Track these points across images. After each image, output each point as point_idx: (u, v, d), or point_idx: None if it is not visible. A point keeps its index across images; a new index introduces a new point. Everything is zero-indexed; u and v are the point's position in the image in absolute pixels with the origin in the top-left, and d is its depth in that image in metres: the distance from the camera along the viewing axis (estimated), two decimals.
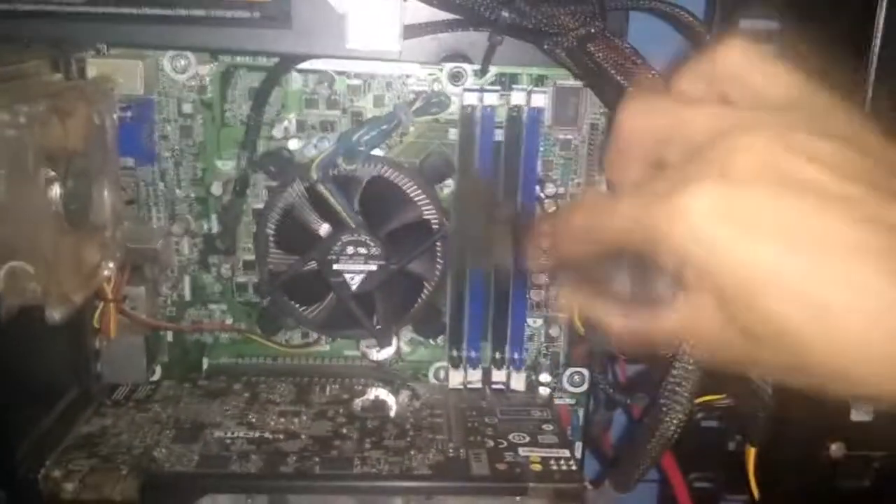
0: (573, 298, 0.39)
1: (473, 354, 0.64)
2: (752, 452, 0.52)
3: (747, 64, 0.33)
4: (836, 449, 0.50)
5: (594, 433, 0.65)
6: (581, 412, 0.66)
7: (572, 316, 0.60)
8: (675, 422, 0.42)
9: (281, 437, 0.55)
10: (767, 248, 0.27)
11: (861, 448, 0.51)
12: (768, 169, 0.28)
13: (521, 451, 0.54)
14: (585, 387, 0.65)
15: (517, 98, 0.58)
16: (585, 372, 0.64)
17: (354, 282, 0.58)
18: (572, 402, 0.65)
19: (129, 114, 0.56)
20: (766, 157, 0.28)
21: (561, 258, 0.37)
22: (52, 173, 0.44)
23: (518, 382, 0.64)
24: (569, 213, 0.36)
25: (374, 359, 0.64)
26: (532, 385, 0.64)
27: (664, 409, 0.42)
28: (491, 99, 0.58)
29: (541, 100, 0.58)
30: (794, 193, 0.28)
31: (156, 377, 0.63)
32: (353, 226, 0.56)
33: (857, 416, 0.50)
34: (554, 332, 0.64)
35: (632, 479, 0.46)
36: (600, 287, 0.36)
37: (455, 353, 0.64)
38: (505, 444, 0.55)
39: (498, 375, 0.64)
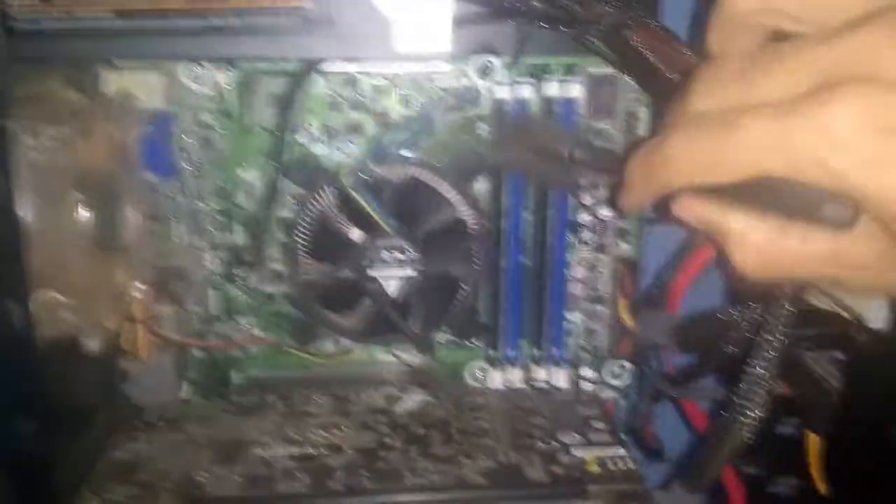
0: (699, 207, 0.31)
1: (511, 353, 0.62)
2: (813, 440, 0.51)
3: None
4: None
5: (636, 426, 0.63)
6: (623, 405, 0.64)
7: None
8: (752, 422, 0.40)
9: (324, 451, 0.53)
10: None
11: None
12: None
13: (575, 452, 0.52)
14: (627, 379, 0.63)
15: (550, 89, 0.56)
16: (627, 364, 0.63)
17: (391, 288, 0.56)
18: (614, 395, 0.64)
19: (148, 128, 0.53)
20: None
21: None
22: (80, 196, 0.42)
23: (560, 379, 0.62)
24: (673, 136, 0.29)
25: (410, 363, 0.62)
26: (574, 381, 0.63)
27: (740, 409, 0.40)
28: (522, 92, 0.56)
29: (575, 90, 0.56)
30: None
31: (185, 394, 0.61)
32: (388, 230, 0.54)
33: None
34: (594, 325, 0.63)
35: (705, 481, 0.45)
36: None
37: (492, 352, 0.62)
38: (556, 445, 0.53)
39: (539, 373, 0.62)
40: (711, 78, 0.29)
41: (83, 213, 0.42)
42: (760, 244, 0.29)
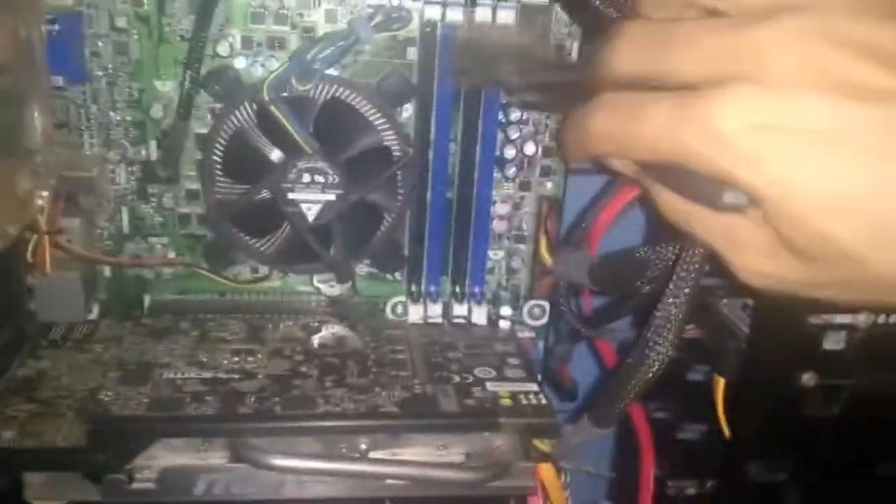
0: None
1: (433, 289, 0.61)
2: (720, 384, 0.51)
3: None
4: (807, 378, 0.50)
5: (553, 366, 0.64)
6: (541, 345, 0.64)
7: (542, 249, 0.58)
8: (661, 357, 0.40)
9: (236, 377, 0.51)
10: (816, 163, 0.25)
11: (832, 377, 0.50)
12: (811, 68, 0.25)
13: (489, 386, 0.52)
14: (545, 319, 0.63)
15: (481, 14, 0.54)
16: (546, 304, 0.63)
17: (311, 212, 0.54)
18: (532, 335, 0.64)
19: (55, 27, 0.50)
20: (807, 53, 0.25)
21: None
22: None
23: (479, 316, 0.62)
24: (591, 113, 0.32)
25: (329, 294, 0.61)
26: (493, 319, 0.62)
27: (651, 343, 0.40)
28: (453, 15, 0.54)
29: (508, 17, 0.54)
30: (842, 99, 0.24)
31: (93, 315, 0.58)
32: (310, 151, 0.53)
33: (829, 344, 0.50)
34: (515, 264, 0.62)
35: (613, 415, 0.45)
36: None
37: (414, 287, 0.61)
38: (471, 378, 0.53)
39: (459, 309, 0.62)
40: (630, 38, 0.31)
41: None
42: (671, 201, 0.32)
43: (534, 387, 0.53)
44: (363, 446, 0.48)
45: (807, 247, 0.27)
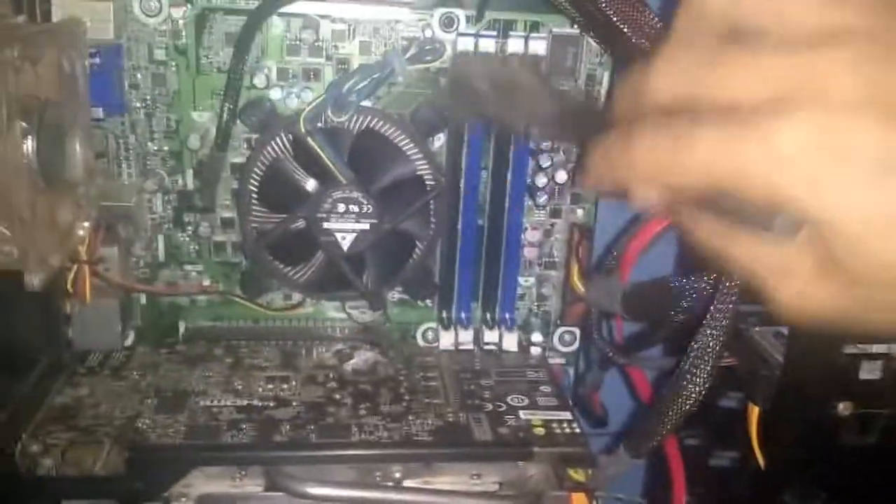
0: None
1: (464, 315, 0.62)
2: (754, 412, 0.51)
3: None
4: (843, 408, 0.49)
5: (583, 393, 0.64)
6: (571, 371, 0.64)
7: (574, 277, 0.58)
8: (699, 389, 0.40)
9: (271, 404, 0.52)
10: (875, 185, 0.25)
11: (869, 406, 0.50)
12: (874, 93, 0.25)
13: (522, 415, 0.52)
14: (576, 346, 0.63)
15: (513, 45, 0.55)
16: (576, 331, 0.63)
17: (345, 241, 0.54)
18: (562, 361, 0.64)
19: (97, 60, 0.51)
20: (870, 77, 0.25)
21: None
22: (25, 125, 0.40)
23: (510, 342, 0.62)
24: (633, 139, 0.31)
25: (361, 321, 0.61)
26: (523, 345, 0.63)
27: (689, 375, 0.40)
28: (486, 46, 0.55)
29: (539, 47, 0.55)
30: None
31: (129, 342, 0.59)
32: (345, 181, 0.53)
33: (865, 374, 0.49)
34: (546, 290, 0.63)
35: (648, 445, 0.45)
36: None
37: (445, 313, 0.61)
38: (504, 407, 0.53)
39: (489, 336, 0.62)
40: (674, 60, 0.30)
41: (28, 144, 0.40)
42: (712, 228, 0.31)
43: (567, 415, 0.53)
44: (397, 475, 0.48)
45: (859, 268, 0.26)
